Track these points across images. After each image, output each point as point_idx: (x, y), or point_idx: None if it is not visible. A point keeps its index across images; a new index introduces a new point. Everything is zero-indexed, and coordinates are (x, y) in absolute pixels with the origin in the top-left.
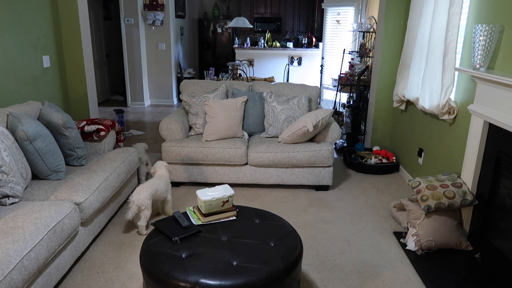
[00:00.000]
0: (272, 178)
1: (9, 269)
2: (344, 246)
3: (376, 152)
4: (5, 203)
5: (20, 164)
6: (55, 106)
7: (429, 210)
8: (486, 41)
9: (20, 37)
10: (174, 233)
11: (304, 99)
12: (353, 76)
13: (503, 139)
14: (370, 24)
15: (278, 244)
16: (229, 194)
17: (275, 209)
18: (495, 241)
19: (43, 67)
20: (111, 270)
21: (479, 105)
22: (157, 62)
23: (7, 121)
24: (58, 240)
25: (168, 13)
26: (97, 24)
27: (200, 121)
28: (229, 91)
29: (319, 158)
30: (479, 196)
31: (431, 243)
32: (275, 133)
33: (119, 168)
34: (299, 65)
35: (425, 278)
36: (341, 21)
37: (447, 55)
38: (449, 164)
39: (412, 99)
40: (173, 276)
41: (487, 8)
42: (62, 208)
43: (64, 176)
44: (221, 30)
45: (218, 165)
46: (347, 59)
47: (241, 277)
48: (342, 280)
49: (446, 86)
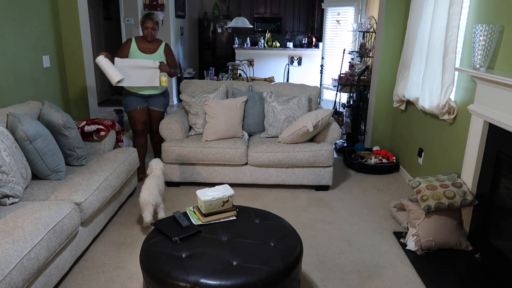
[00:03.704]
0: (272, 178)
1: (9, 269)
2: (344, 246)
3: (376, 152)
4: (5, 203)
5: (20, 164)
6: (55, 106)
7: (429, 210)
8: (486, 41)
9: (20, 37)
10: (174, 233)
11: (304, 99)
12: (353, 76)
13: (503, 139)
14: (370, 24)
15: (278, 244)
16: (229, 194)
17: (275, 209)
18: (495, 241)
19: (43, 67)
20: (111, 270)
21: (479, 105)
22: None
23: (7, 121)
24: (58, 240)
25: (168, 13)
26: (97, 24)
27: (200, 121)
28: (229, 91)
29: (319, 158)
30: (479, 196)
31: (431, 243)
32: (275, 133)
33: (119, 168)
34: (299, 65)
35: (425, 278)
36: (341, 21)
37: (447, 55)
38: (449, 164)
39: (412, 99)
40: (173, 276)
41: (487, 8)
42: (62, 208)
43: (64, 176)
44: (221, 30)
45: (218, 165)
46: (347, 59)
47: (241, 277)
48: (342, 280)
49: (446, 86)
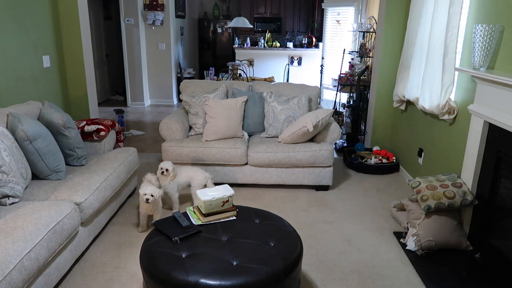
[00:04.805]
0: (272, 178)
1: (9, 269)
2: (344, 246)
3: (376, 152)
4: (5, 203)
5: (20, 164)
6: (55, 106)
7: (429, 210)
8: (486, 41)
9: (20, 37)
10: (174, 233)
11: (304, 99)
12: (353, 76)
13: (503, 139)
14: (370, 24)
15: (278, 244)
16: (229, 194)
17: (275, 209)
18: (495, 241)
19: (43, 67)
20: (111, 270)
21: (479, 105)
22: (157, 62)
23: (7, 121)
24: (58, 240)
25: (168, 13)
26: (97, 24)
27: (200, 121)
28: (229, 91)
29: (319, 158)
30: (479, 196)
31: (431, 243)
32: (275, 133)
33: (119, 168)
34: (299, 65)
35: (425, 278)
36: (341, 21)
37: (447, 55)
38: (449, 164)
39: (412, 99)
40: (173, 276)
41: (487, 8)
42: (62, 208)
43: (64, 176)
44: (221, 30)
45: (218, 165)
46: (347, 59)
47: (241, 277)
48: (342, 280)
49: (446, 86)
